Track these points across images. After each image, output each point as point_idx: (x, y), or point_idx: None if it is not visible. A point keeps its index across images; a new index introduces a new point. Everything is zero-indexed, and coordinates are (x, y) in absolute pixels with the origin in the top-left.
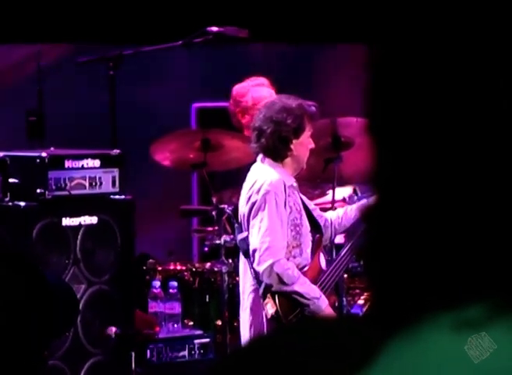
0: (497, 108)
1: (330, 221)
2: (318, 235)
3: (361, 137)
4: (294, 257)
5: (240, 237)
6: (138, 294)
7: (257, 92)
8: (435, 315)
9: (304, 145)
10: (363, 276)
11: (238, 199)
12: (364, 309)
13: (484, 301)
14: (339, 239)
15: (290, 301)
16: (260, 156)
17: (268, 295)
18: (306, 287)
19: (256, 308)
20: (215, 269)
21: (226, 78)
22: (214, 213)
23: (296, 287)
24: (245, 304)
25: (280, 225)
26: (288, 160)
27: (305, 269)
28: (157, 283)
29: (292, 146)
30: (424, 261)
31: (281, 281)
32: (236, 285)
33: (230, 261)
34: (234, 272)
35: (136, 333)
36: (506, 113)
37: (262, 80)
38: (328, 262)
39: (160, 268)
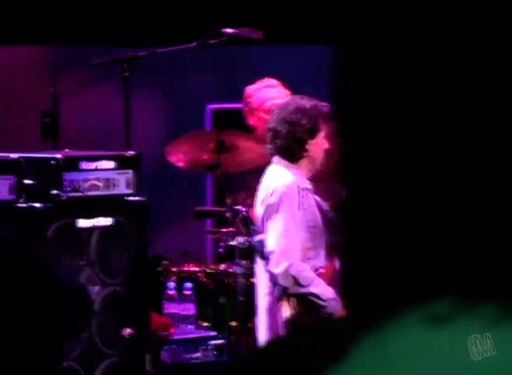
0: (497, 109)
1: None
2: (335, 237)
3: None
4: (309, 259)
5: (256, 239)
6: (153, 296)
7: (263, 93)
8: (404, 311)
9: (319, 146)
10: None
11: (252, 201)
12: None
13: (449, 296)
14: None
15: (306, 303)
16: (275, 157)
17: (284, 297)
18: (321, 289)
19: (272, 310)
20: (230, 270)
21: (241, 79)
22: (228, 215)
23: (312, 289)
24: (261, 306)
25: (295, 227)
26: (303, 161)
27: (321, 270)
28: (171, 285)
29: (307, 147)
30: (391, 258)
31: (297, 283)
32: (251, 287)
33: (245, 262)
34: (249, 273)
35: (150, 335)
36: (506, 113)
37: (273, 81)
38: None
39: (174, 269)
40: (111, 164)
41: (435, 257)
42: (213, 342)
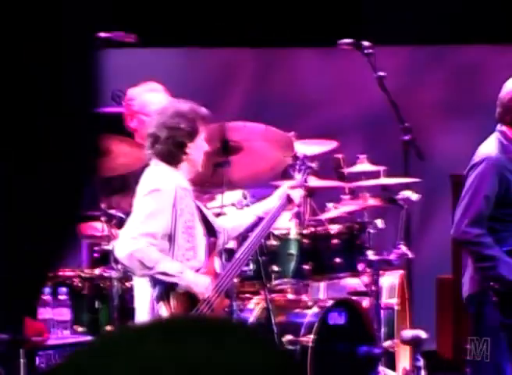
0: None
1: (222, 226)
2: (212, 238)
3: (250, 142)
4: (188, 259)
5: None
6: (27, 301)
7: (146, 97)
8: None
9: (198, 148)
10: (253, 280)
11: (127, 204)
12: (255, 313)
13: None
14: (232, 244)
15: (185, 302)
16: (154, 160)
17: (164, 298)
18: (168, 265)
19: (152, 312)
20: (105, 274)
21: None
22: (103, 219)
23: (158, 268)
24: (141, 308)
25: (155, 217)
26: (183, 164)
27: (203, 270)
28: (46, 290)
29: (187, 150)
30: None
31: (143, 266)
32: (127, 290)
33: (120, 266)
34: (124, 277)
35: (24, 340)
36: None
37: (155, 85)
38: (223, 266)
39: (49, 274)
40: None
41: None
42: None
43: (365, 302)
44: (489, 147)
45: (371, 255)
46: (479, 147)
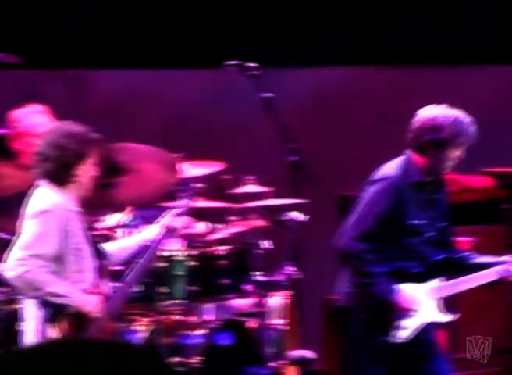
0: None
1: (109, 249)
2: (101, 261)
3: (138, 163)
4: (78, 281)
5: None
6: None
7: (31, 119)
8: None
9: (88, 171)
10: (140, 302)
11: (13, 226)
12: (143, 335)
13: None
14: (120, 266)
15: (74, 324)
16: (42, 181)
17: (53, 320)
18: (60, 287)
19: (42, 334)
20: None
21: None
22: None
23: (49, 289)
24: (29, 330)
25: (43, 239)
26: (72, 186)
27: (90, 293)
28: None
29: (76, 172)
30: None
31: (33, 287)
32: (14, 313)
33: (8, 288)
34: (11, 300)
35: None
36: None
37: (39, 107)
38: (112, 289)
39: None
40: None
41: None
42: None
43: (253, 323)
44: (393, 168)
45: (258, 275)
46: (383, 165)
